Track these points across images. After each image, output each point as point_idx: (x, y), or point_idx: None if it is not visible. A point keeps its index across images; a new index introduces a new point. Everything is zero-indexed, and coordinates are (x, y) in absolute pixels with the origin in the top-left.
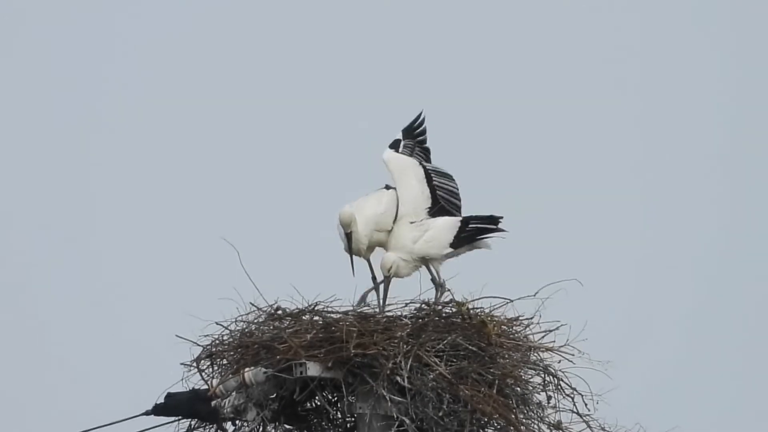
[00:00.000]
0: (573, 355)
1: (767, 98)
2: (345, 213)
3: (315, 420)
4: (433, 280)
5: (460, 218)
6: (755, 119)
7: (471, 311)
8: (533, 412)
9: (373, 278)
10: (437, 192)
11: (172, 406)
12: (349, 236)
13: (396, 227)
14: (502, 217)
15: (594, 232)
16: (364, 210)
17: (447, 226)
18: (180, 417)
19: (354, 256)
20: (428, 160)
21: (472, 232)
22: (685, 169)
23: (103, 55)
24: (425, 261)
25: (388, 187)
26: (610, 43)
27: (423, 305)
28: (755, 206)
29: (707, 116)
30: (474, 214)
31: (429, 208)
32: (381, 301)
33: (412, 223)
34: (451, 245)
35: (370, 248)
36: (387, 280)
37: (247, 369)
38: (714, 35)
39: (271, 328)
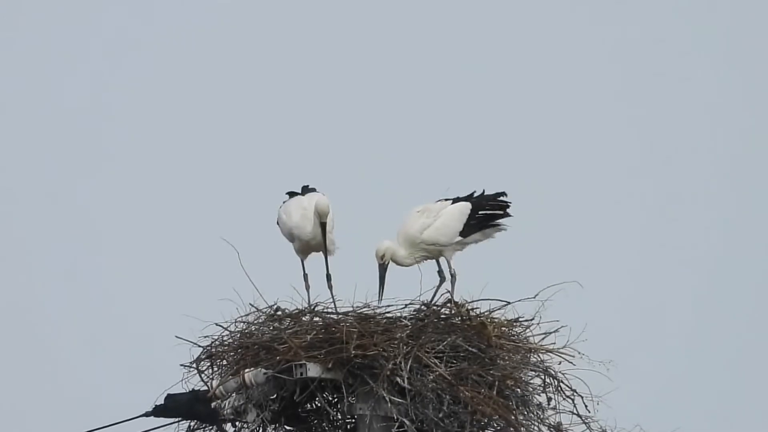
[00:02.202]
0: (573, 356)
1: (766, 98)
2: (326, 202)
3: (315, 421)
4: (440, 272)
5: (469, 204)
6: (754, 119)
7: (471, 312)
8: (533, 414)
9: (328, 276)
10: None
11: (171, 407)
12: (323, 226)
13: (405, 218)
14: (510, 203)
15: (594, 233)
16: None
17: (456, 213)
18: (180, 418)
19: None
20: None
21: (482, 218)
22: (685, 170)
23: (106, 56)
24: (437, 252)
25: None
26: (609, 43)
27: (422, 306)
28: (755, 207)
29: (706, 117)
30: (481, 196)
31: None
32: (378, 291)
33: (418, 211)
34: (461, 233)
35: (317, 247)
36: (382, 269)
37: (247, 370)
38: (715, 37)
39: (271, 328)
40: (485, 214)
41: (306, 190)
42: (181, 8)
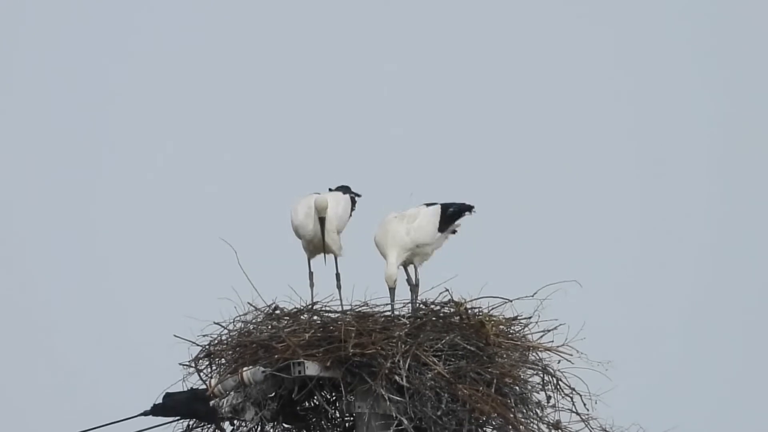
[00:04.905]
0: (571, 355)
1: (761, 100)
2: (323, 198)
3: (314, 419)
4: (408, 280)
5: (439, 206)
6: (750, 120)
7: (469, 311)
8: (532, 412)
9: (337, 275)
10: None
11: (170, 406)
12: (322, 221)
13: (386, 226)
14: (472, 206)
15: (593, 232)
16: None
17: (431, 213)
18: (178, 417)
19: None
20: None
21: (451, 215)
22: (683, 170)
23: (106, 57)
24: (411, 257)
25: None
26: (607, 44)
27: (421, 305)
28: (752, 206)
29: (703, 117)
30: (447, 202)
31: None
32: (391, 307)
33: (395, 217)
34: (439, 230)
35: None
36: (392, 293)
37: (245, 368)
38: (710, 39)
39: (270, 327)
40: (453, 212)
41: (345, 190)
42: (183, 7)
